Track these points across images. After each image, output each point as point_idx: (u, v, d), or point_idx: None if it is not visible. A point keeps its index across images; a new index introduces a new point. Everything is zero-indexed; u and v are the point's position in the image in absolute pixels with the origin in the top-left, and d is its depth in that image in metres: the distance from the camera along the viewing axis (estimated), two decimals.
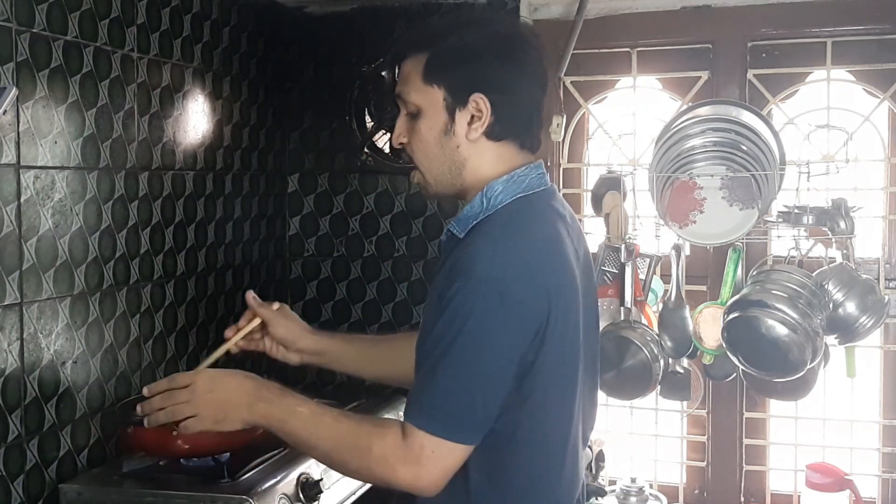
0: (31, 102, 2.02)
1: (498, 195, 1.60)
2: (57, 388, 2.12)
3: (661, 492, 2.92)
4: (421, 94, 1.61)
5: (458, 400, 1.49)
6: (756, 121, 2.69)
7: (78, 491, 2.07)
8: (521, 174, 1.62)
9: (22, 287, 2.00)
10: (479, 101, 1.58)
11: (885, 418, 2.91)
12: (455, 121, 1.60)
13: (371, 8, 3.08)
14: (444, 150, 1.61)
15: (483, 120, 1.59)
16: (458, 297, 1.48)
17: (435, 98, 1.60)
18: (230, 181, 2.84)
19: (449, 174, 1.63)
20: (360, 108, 3.09)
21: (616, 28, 2.98)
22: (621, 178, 2.73)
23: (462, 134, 1.60)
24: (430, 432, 1.49)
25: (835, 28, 2.85)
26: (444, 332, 1.49)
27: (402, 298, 3.13)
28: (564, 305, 1.54)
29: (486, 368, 1.49)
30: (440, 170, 1.63)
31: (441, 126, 1.60)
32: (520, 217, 1.58)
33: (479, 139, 1.60)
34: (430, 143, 1.62)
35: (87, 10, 2.19)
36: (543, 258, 1.54)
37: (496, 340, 1.48)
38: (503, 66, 1.58)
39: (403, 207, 3.11)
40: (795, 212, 2.60)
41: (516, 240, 1.53)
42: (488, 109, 1.58)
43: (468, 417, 1.50)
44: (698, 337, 2.70)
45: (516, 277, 1.49)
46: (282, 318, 1.92)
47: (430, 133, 1.61)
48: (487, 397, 1.50)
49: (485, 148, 1.61)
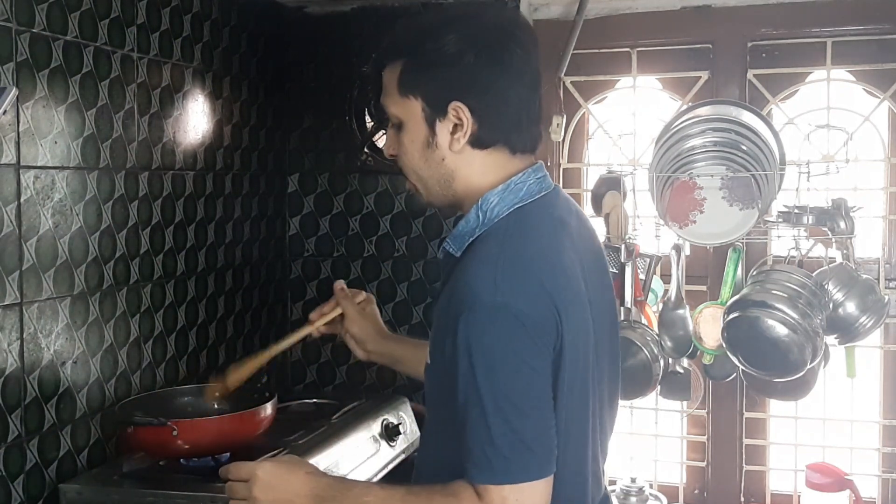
0: (31, 102, 2.02)
1: (494, 207, 1.50)
2: (57, 388, 2.12)
3: (661, 492, 2.92)
4: (399, 106, 1.52)
5: (516, 438, 1.39)
6: (756, 121, 2.69)
7: (78, 491, 2.07)
8: (517, 182, 1.52)
9: (22, 287, 2.00)
10: (458, 110, 1.48)
11: (885, 418, 2.91)
12: (436, 132, 1.50)
13: (371, 8, 3.08)
14: (429, 163, 1.53)
15: (465, 129, 1.48)
16: (471, 332, 1.38)
17: (413, 109, 1.51)
18: (230, 181, 2.84)
19: (439, 187, 1.55)
20: (360, 108, 3.09)
21: (616, 28, 2.98)
22: (621, 178, 2.73)
23: (445, 146, 1.50)
24: (506, 483, 1.39)
25: (835, 28, 2.85)
26: (471, 373, 1.38)
27: (402, 298, 3.13)
28: (574, 323, 1.45)
29: (530, 395, 1.40)
30: (430, 182, 1.55)
31: (423, 139, 1.51)
32: (517, 233, 1.48)
33: (464, 149, 1.50)
34: (415, 156, 1.53)
35: (87, 10, 2.19)
36: (547, 275, 1.44)
37: (526, 365, 1.39)
38: (482, 68, 1.47)
39: (403, 207, 3.11)
40: (795, 212, 2.60)
41: (516, 259, 1.44)
42: (469, 118, 1.48)
43: (534, 450, 1.40)
44: (698, 337, 2.70)
45: (525, 299, 1.40)
46: (359, 316, 1.93)
47: (413, 146, 1.53)
48: (542, 424, 1.41)
49: (472, 157, 1.51)
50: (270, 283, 3.11)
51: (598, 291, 1.57)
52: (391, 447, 2.54)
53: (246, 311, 2.95)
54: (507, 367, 1.38)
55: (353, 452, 2.36)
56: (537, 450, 1.40)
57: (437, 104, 1.49)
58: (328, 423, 2.46)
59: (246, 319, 2.95)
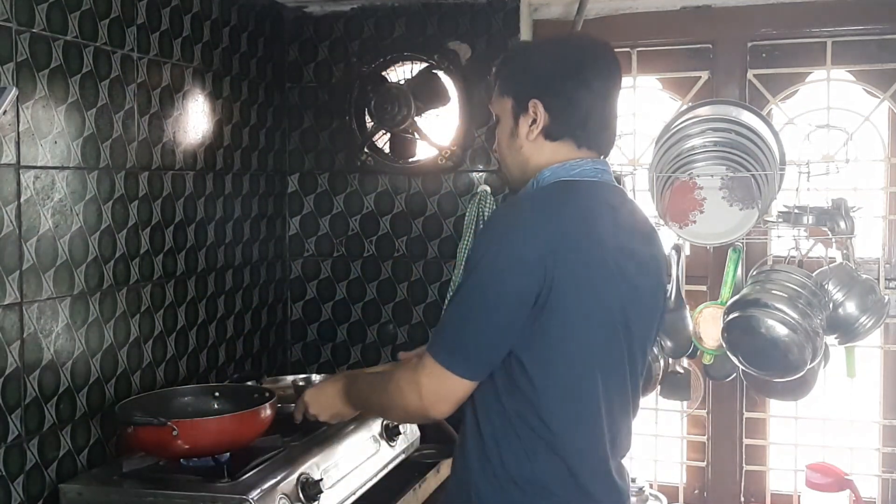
0: (31, 102, 2.02)
1: (546, 178, 1.77)
2: (57, 388, 2.12)
3: (661, 492, 2.92)
4: (497, 105, 1.85)
5: (461, 335, 1.67)
6: (756, 121, 2.69)
7: (78, 491, 2.07)
8: (573, 164, 1.77)
9: (22, 287, 2.00)
10: (535, 106, 1.76)
11: (885, 418, 2.91)
12: (518, 124, 1.80)
13: (371, 8, 3.08)
14: (511, 150, 1.83)
15: (539, 122, 1.76)
16: (475, 243, 1.74)
17: (506, 106, 1.82)
18: (230, 181, 2.84)
19: (519, 171, 1.83)
20: (360, 108, 3.09)
21: (616, 28, 2.98)
22: (621, 178, 2.73)
23: (523, 135, 1.79)
24: (435, 358, 1.68)
25: (835, 28, 2.85)
26: (461, 281, 1.71)
27: (401, 298, 3.13)
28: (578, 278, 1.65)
29: (489, 309, 1.64)
30: (512, 168, 1.84)
31: (508, 130, 1.82)
32: (553, 191, 1.74)
33: (537, 139, 1.78)
34: (503, 145, 1.85)
35: (87, 10, 2.19)
36: (558, 224, 1.66)
37: (498, 283, 1.64)
38: (558, 74, 1.76)
39: (403, 207, 3.11)
40: (795, 212, 2.60)
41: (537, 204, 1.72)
42: (543, 113, 1.76)
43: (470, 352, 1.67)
44: (698, 337, 2.70)
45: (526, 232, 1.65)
46: None
47: (503, 136, 1.84)
48: (489, 336, 1.66)
49: (543, 146, 1.78)
50: (270, 283, 3.11)
51: (644, 277, 1.77)
52: (391, 447, 2.53)
53: (246, 311, 2.95)
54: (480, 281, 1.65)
55: (353, 452, 2.36)
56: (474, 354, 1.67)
57: (522, 101, 1.79)
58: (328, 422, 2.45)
59: (246, 319, 2.95)
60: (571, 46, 1.86)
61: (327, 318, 3.20)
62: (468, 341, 1.67)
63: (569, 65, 1.78)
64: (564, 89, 1.76)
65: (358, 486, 2.31)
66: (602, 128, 1.80)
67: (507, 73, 1.84)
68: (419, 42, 3.03)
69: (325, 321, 3.20)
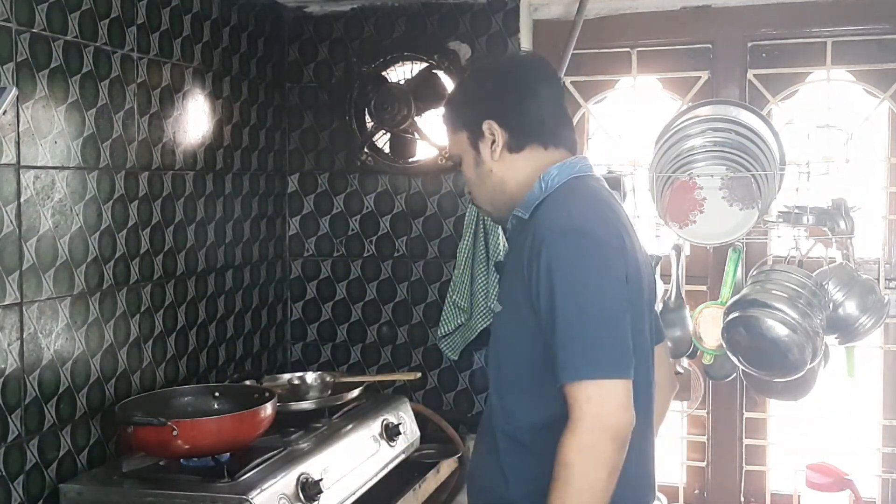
0: (31, 102, 2.02)
1: (554, 178, 1.77)
2: (57, 388, 2.12)
3: (661, 492, 2.91)
4: (454, 144, 1.87)
5: (597, 339, 1.61)
6: (756, 121, 2.69)
7: (78, 491, 2.07)
8: (572, 161, 1.80)
9: (22, 287, 2.00)
10: (490, 125, 1.79)
11: (885, 418, 2.91)
12: (480, 151, 1.82)
13: (371, 8, 3.08)
14: (481, 179, 1.84)
15: (498, 140, 1.79)
16: (552, 255, 1.64)
17: (462, 140, 1.84)
18: (230, 181, 2.84)
19: (498, 196, 1.83)
20: (360, 108, 3.09)
21: (616, 28, 2.99)
22: (621, 178, 2.73)
23: (488, 158, 1.81)
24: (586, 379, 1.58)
25: (835, 28, 2.85)
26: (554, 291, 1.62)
27: (402, 298, 3.13)
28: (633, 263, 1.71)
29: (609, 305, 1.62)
30: (490, 196, 1.85)
31: (473, 161, 1.83)
32: (577, 189, 1.76)
33: (503, 156, 1.80)
34: (472, 180, 1.86)
35: (87, 10, 2.19)
36: (607, 211, 1.74)
37: (605, 280, 1.63)
38: (503, 90, 1.80)
39: (403, 207, 3.11)
40: (795, 212, 2.60)
41: (582, 202, 1.73)
42: (499, 130, 1.79)
43: (611, 351, 1.61)
44: (698, 337, 2.70)
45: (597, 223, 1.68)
46: None
47: (469, 171, 1.85)
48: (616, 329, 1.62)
49: (513, 160, 1.81)
50: (270, 283, 3.11)
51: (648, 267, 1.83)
52: (391, 447, 2.53)
53: (246, 311, 2.95)
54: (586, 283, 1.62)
55: (353, 452, 2.36)
56: (613, 351, 1.61)
57: (475, 128, 1.81)
58: (328, 422, 2.45)
59: (246, 319, 2.95)
60: (507, 64, 1.92)
61: (327, 318, 3.20)
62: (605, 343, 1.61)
63: (510, 79, 1.82)
64: (513, 101, 1.79)
65: (358, 486, 2.31)
66: (560, 125, 1.83)
67: (454, 110, 1.87)
68: (419, 42, 3.03)
69: (325, 321, 3.20)
